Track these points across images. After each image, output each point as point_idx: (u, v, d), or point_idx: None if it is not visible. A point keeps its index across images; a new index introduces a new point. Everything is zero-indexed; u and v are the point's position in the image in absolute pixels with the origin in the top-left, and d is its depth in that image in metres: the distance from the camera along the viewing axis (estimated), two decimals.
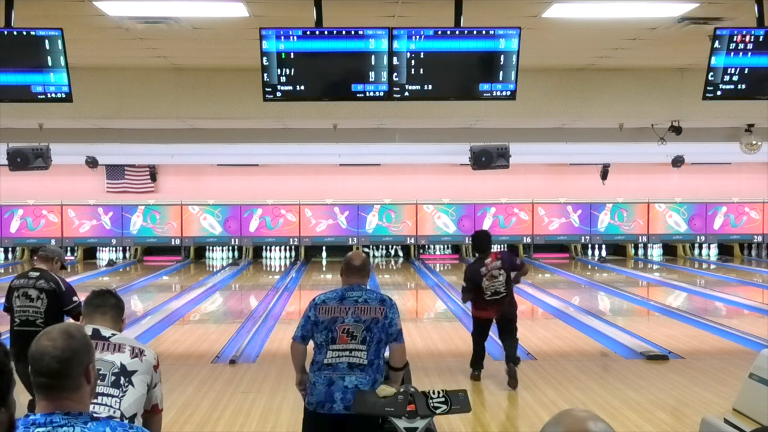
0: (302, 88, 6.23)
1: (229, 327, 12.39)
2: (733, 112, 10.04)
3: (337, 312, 4.86)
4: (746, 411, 7.23)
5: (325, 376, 4.82)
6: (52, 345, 2.38)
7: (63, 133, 12.61)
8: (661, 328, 12.10)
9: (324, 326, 4.85)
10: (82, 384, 2.40)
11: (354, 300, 4.88)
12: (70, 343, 2.40)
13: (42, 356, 2.38)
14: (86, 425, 2.34)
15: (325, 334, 4.85)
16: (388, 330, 4.85)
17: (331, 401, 4.79)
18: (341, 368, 4.80)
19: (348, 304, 4.87)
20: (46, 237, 22.17)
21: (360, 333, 4.83)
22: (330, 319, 4.85)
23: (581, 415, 2.13)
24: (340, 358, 4.82)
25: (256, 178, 22.38)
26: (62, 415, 2.35)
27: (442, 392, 4.93)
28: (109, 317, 3.79)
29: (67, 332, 2.43)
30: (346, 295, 4.91)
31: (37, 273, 6.91)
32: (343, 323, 4.83)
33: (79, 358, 2.40)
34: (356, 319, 4.84)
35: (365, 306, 4.87)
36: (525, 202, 22.71)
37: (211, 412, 7.69)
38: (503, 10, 6.75)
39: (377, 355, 4.86)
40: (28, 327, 6.64)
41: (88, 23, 7.09)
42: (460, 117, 10.41)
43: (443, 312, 14.31)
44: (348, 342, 4.82)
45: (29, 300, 6.80)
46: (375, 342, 4.84)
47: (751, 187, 22.55)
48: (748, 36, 6.22)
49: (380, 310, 4.86)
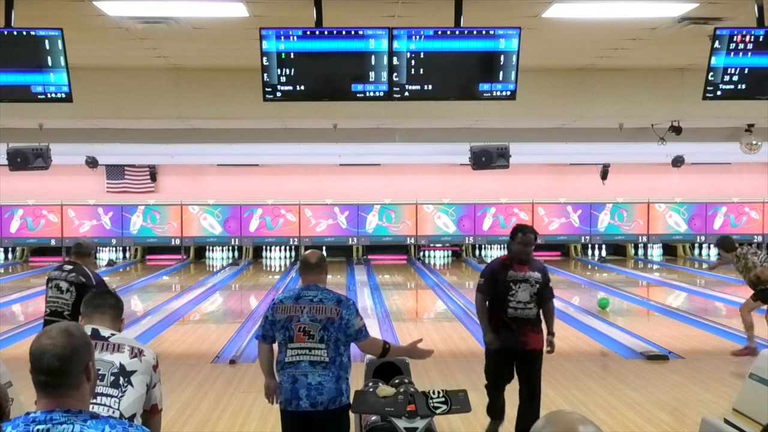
0: (302, 88, 6.23)
1: (229, 327, 12.38)
2: (733, 112, 10.04)
3: (293, 311, 4.94)
4: (746, 411, 7.23)
5: (289, 374, 4.91)
6: (52, 343, 2.39)
7: (63, 133, 12.60)
8: (661, 328, 12.09)
9: (281, 325, 4.95)
10: (82, 382, 2.41)
11: (309, 299, 4.95)
12: (70, 341, 2.41)
13: (42, 354, 2.39)
14: (86, 423, 2.35)
15: (283, 332, 4.94)
16: (345, 331, 4.90)
17: (297, 398, 4.88)
18: (303, 366, 4.88)
19: (303, 303, 4.95)
20: (46, 237, 22.18)
21: (317, 332, 4.89)
22: (286, 318, 4.94)
23: (571, 417, 2.13)
24: (300, 357, 4.89)
25: (256, 178, 22.37)
26: (62, 413, 2.36)
27: (442, 392, 4.93)
28: (108, 317, 3.79)
29: (66, 331, 2.44)
30: (302, 294, 4.98)
31: (70, 266, 7.30)
32: (299, 322, 4.90)
33: (79, 356, 2.40)
34: (312, 318, 4.90)
35: (320, 305, 4.93)
36: (525, 202, 22.70)
37: (211, 412, 7.69)
38: (503, 10, 6.75)
39: (338, 352, 4.90)
40: (57, 318, 6.91)
41: (88, 23, 7.09)
42: (460, 117, 10.41)
43: (443, 312, 14.31)
44: (305, 341, 4.89)
45: (60, 292, 7.17)
46: (333, 341, 4.89)
47: (751, 187, 22.55)
48: (748, 36, 6.22)
49: (336, 311, 4.91)
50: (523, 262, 6.39)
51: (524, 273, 6.35)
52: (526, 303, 6.33)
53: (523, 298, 6.32)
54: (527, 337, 6.34)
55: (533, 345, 6.38)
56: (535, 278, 6.37)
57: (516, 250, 6.39)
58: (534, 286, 6.35)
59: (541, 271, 6.45)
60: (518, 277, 6.34)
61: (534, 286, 6.35)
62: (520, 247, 6.37)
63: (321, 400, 4.85)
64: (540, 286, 6.37)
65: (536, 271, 6.41)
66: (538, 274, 6.40)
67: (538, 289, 6.36)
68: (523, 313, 6.33)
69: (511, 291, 6.31)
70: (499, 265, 6.46)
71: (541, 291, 6.38)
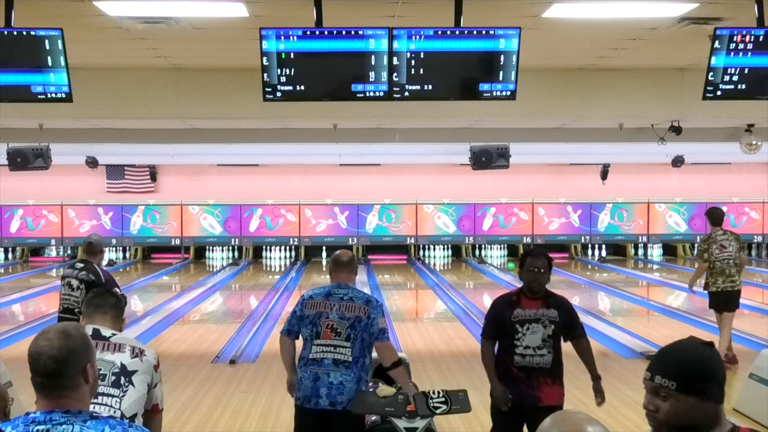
0: (302, 88, 6.24)
1: (229, 327, 12.39)
2: (733, 112, 10.04)
3: (322, 307, 4.97)
4: (746, 411, 7.23)
5: (311, 372, 4.91)
6: (49, 345, 2.39)
7: (63, 133, 12.60)
8: (661, 328, 12.10)
9: (309, 321, 4.97)
10: (79, 383, 2.41)
11: (340, 297, 4.98)
12: (67, 343, 2.40)
13: (39, 356, 2.38)
14: (85, 423, 2.35)
15: (310, 328, 4.96)
16: (369, 329, 4.92)
17: (317, 396, 4.88)
18: (326, 364, 4.89)
19: (333, 300, 4.98)
20: (46, 237, 22.18)
21: (344, 330, 4.91)
22: (315, 314, 4.96)
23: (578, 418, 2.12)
24: (325, 354, 4.91)
25: (256, 178, 22.37)
26: (61, 414, 2.36)
27: (442, 392, 4.93)
28: (109, 317, 3.79)
29: (64, 332, 2.43)
30: (332, 291, 5.02)
31: (81, 264, 7.53)
32: (328, 318, 4.93)
33: (75, 358, 2.40)
34: (340, 315, 4.93)
35: (350, 304, 4.96)
36: (525, 202, 22.70)
37: (211, 412, 7.69)
38: (503, 10, 6.75)
39: (362, 353, 4.93)
40: (69, 315, 7.22)
41: (88, 23, 7.09)
42: (460, 117, 10.41)
43: (443, 312, 14.31)
44: (332, 338, 4.91)
45: (71, 289, 7.41)
46: (359, 340, 4.91)
47: (751, 187, 22.55)
48: (748, 36, 6.22)
49: (364, 310, 4.94)
50: (535, 294, 5.26)
51: (535, 311, 5.21)
52: (537, 348, 5.17)
53: (533, 342, 5.17)
54: (540, 391, 5.18)
55: (548, 400, 5.16)
56: (550, 317, 5.20)
57: (526, 279, 5.29)
58: (548, 327, 5.19)
59: (561, 308, 5.27)
60: (527, 317, 5.19)
61: (548, 326, 5.19)
62: (529, 275, 5.24)
63: (341, 400, 4.85)
64: (556, 326, 5.21)
65: (553, 308, 5.24)
66: (555, 312, 5.22)
67: (554, 330, 5.21)
68: (534, 360, 5.17)
69: (518, 334, 5.16)
70: (504, 302, 5.33)
71: (559, 332, 5.24)
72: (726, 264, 9.46)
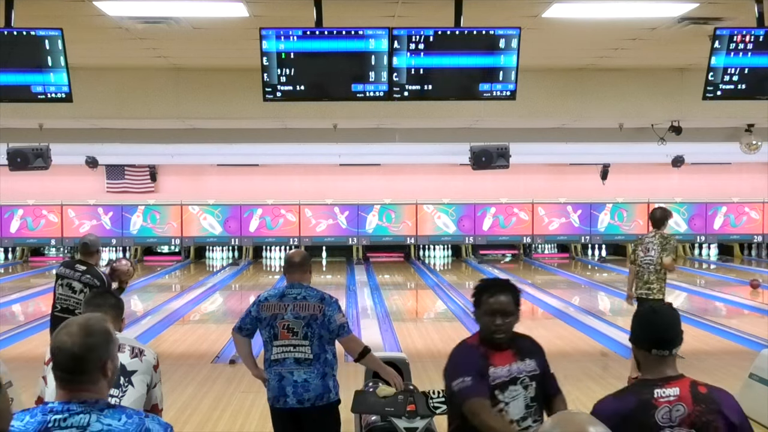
0: (302, 88, 6.24)
1: (229, 327, 12.26)
2: (733, 112, 10.03)
3: (277, 309, 5.04)
4: (746, 411, 7.18)
5: (275, 372, 5.01)
6: (70, 341, 2.43)
7: (63, 133, 12.60)
8: None
9: (266, 323, 5.05)
10: (98, 379, 2.45)
11: (293, 297, 5.04)
12: (87, 340, 2.44)
13: (59, 351, 2.43)
14: (102, 413, 2.39)
15: (268, 330, 5.04)
16: (328, 327, 4.98)
17: (284, 396, 4.97)
18: (288, 363, 4.97)
19: (287, 300, 5.04)
20: (46, 237, 22.18)
21: (300, 329, 4.97)
22: (271, 316, 5.04)
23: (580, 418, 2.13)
24: (285, 354, 4.98)
25: (256, 178, 22.37)
26: (78, 404, 2.40)
27: (442, 392, 4.93)
28: (109, 317, 3.79)
29: (86, 327, 2.46)
30: (286, 292, 5.08)
31: (84, 267, 7.50)
32: (283, 319, 5.00)
33: (95, 354, 2.43)
34: (295, 315, 4.99)
35: (304, 303, 5.02)
36: (525, 202, 22.70)
37: (211, 412, 7.70)
38: (503, 10, 6.75)
39: (322, 349, 4.98)
40: (67, 315, 7.08)
41: (88, 23, 7.09)
42: (460, 117, 10.41)
43: (443, 312, 14.31)
44: (290, 338, 4.97)
45: (72, 291, 7.40)
46: (317, 337, 4.97)
47: (751, 187, 22.54)
48: (748, 36, 6.22)
49: (319, 308, 5.00)
50: (501, 345, 3.81)
51: (509, 366, 3.79)
52: (521, 420, 3.77)
53: (516, 413, 3.76)
54: None
55: None
56: (529, 371, 3.84)
57: (484, 325, 3.83)
58: (530, 388, 3.81)
59: (536, 354, 3.93)
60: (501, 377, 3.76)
61: (529, 386, 3.81)
62: (490, 320, 3.80)
63: (308, 397, 4.93)
64: (537, 379, 3.85)
65: (528, 358, 3.86)
66: (532, 363, 3.86)
67: (536, 387, 3.83)
68: None
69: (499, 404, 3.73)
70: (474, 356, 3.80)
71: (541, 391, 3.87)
72: (646, 269, 8.96)
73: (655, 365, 3.05)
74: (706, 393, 3.05)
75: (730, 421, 3.10)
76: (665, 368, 3.05)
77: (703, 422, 2.98)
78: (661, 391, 2.98)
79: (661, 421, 2.96)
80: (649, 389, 3.00)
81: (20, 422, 2.36)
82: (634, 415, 2.94)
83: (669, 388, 2.99)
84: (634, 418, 2.94)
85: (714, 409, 3.03)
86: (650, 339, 3.09)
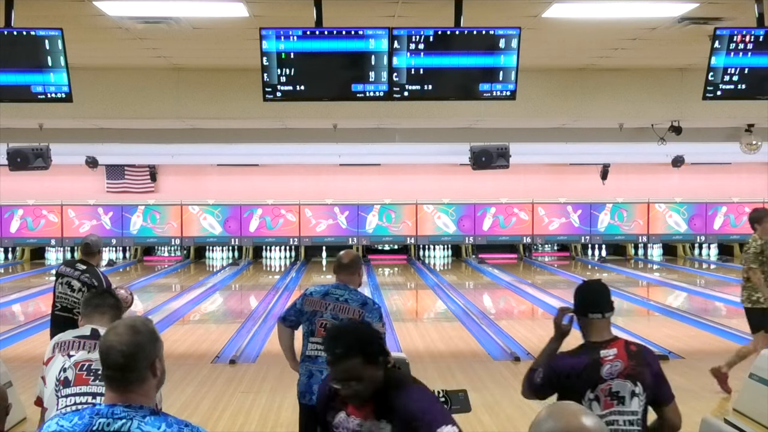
0: (302, 88, 6.24)
1: (229, 327, 12.39)
2: (733, 112, 10.03)
3: (318, 306, 5.08)
4: (746, 411, 7.23)
5: (306, 368, 5.05)
6: (119, 340, 2.46)
7: (63, 133, 12.61)
8: (661, 328, 12.09)
9: (306, 317, 5.10)
10: (147, 377, 2.48)
11: (336, 297, 5.07)
12: (136, 338, 2.47)
13: (108, 351, 2.46)
14: (144, 419, 2.41)
15: (307, 325, 5.10)
16: None
17: (311, 393, 4.97)
18: (320, 362, 4.96)
19: (329, 300, 5.07)
20: (46, 237, 22.17)
21: None
22: (311, 312, 5.08)
23: (573, 409, 2.12)
24: (318, 352, 4.99)
25: (256, 178, 22.37)
26: (123, 407, 2.42)
27: (442, 392, 4.92)
28: (108, 317, 3.80)
29: (133, 327, 2.51)
30: (330, 291, 5.11)
31: (84, 267, 7.55)
32: (322, 318, 5.03)
33: (144, 352, 2.48)
34: (333, 316, 5.02)
35: (344, 305, 5.04)
36: (525, 202, 22.69)
37: (211, 412, 7.69)
38: (503, 10, 6.75)
39: None
40: (66, 313, 7.30)
41: (88, 23, 7.09)
42: (460, 117, 10.41)
43: (443, 312, 14.31)
44: None
45: (71, 290, 7.44)
46: None
47: (751, 187, 22.53)
48: (748, 36, 6.22)
49: (358, 312, 5.01)
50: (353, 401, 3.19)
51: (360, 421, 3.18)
52: None
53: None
54: None
55: None
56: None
57: None
58: None
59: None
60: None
61: None
62: None
63: None
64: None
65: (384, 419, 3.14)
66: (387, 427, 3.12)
67: None
68: None
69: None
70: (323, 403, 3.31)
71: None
72: None
73: (595, 329, 3.79)
74: (636, 350, 3.78)
75: (654, 371, 3.80)
76: (604, 332, 3.79)
77: (635, 373, 3.70)
78: (605, 352, 3.72)
79: (605, 375, 3.68)
80: (596, 351, 3.72)
81: (68, 422, 2.39)
82: (585, 370, 3.68)
83: (610, 349, 3.73)
84: (585, 372, 3.68)
85: (642, 362, 3.75)
86: (584, 305, 3.84)
